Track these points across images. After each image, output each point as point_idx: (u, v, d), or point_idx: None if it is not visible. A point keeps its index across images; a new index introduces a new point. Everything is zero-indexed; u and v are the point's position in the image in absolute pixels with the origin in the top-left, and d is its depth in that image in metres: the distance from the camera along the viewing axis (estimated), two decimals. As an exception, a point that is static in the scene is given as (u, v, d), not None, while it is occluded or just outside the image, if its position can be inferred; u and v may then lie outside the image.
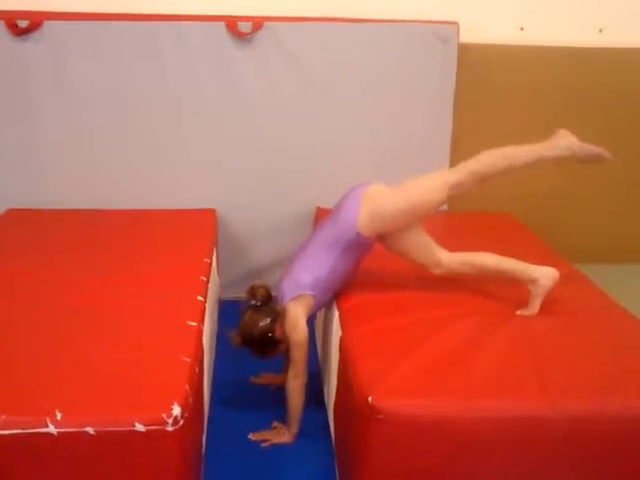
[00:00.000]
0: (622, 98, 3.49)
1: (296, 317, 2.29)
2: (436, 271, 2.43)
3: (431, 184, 2.42)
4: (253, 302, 2.35)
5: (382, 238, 2.42)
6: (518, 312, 2.34)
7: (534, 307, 2.34)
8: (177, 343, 1.99)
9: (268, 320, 2.30)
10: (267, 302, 2.35)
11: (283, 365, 2.53)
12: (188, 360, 1.90)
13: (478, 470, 1.84)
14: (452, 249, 3.01)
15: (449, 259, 2.43)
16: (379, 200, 2.36)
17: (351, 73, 3.29)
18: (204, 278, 2.51)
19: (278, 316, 2.31)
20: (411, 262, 2.46)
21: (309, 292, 2.33)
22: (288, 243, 3.46)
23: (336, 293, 2.46)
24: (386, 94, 3.34)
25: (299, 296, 2.32)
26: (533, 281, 2.35)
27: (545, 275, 2.35)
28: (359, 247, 2.38)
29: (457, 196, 2.45)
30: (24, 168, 3.28)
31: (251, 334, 2.32)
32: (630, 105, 3.51)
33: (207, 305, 2.39)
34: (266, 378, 2.68)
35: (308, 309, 2.34)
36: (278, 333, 2.31)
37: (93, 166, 3.31)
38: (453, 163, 3.46)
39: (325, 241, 2.38)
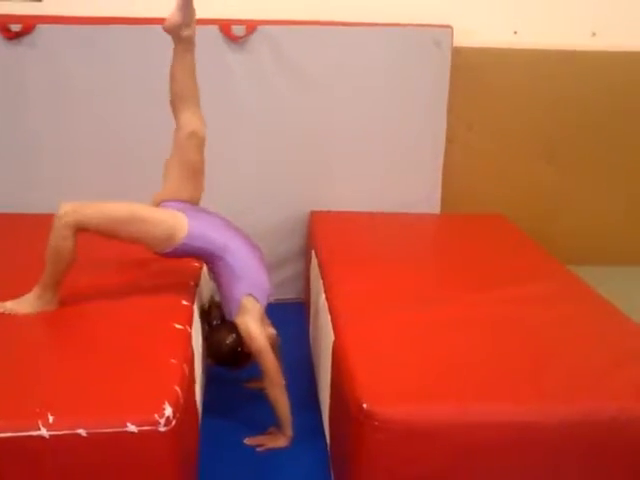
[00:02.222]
0: (615, 101, 3.50)
1: (247, 327, 2.27)
2: (198, 135, 2.40)
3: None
4: (214, 322, 2.38)
5: None
6: None
7: None
8: (166, 346, 1.99)
9: (234, 335, 2.31)
10: (224, 318, 2.36)
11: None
12: (177, 362, 1.90)
13: (475, 476, 1.83)
14: (445, 251, 3.04)
15: (187, 126, 2.41)
16: None
17: (345, 77, 3.29)
18: (192, 283, 2.50)
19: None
20: None
21: (243, 295, 2.29)
22: (282, 247, 3.47)
23: (261, 258, 2.43)
24: (380, 97, 3.34)
25: (239, 306, 2.29)
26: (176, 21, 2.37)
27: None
28: (201, 243, 2.26)
29: None
30: (18, 172, 3.28)
31: (221, 353, 2.35)
32: (624, 108, 3.52)
33: (196, 309, 2.38)
34: (258, 382, 2.67)
35: (255, 311, 2.31)
36: (245, 345, 2.31)
37: (87, 170, 3.31)
38: (446, 166, 3.48)
39: (206, 263, 2.41)
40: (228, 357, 2.36)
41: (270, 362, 2.28)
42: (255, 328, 2.27)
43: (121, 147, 3.30)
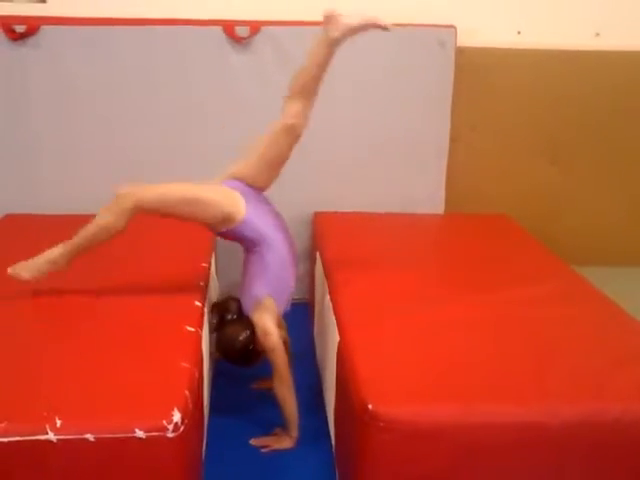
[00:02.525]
0: (619, 101, 3.50)
1: (263, 324, 2.27)
2: (300, 125, 2.40)
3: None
4: (229, 316, 2.37)
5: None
6: None
7: (372, 21, 2.33)
8: (176, 349, 1.99)
9: (248, 332, 2.31)
10: (241, 314, 2.35)
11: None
12: (188, 366, 1.89)
13: (479, 476, 1.83)
14: (449, 252, 3.04)
15: (293, 111, 2.40)
16: None
17: (348, 77, 3.29)
18: (202, 283, 2.50)
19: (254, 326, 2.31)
20: None
21: (265, 294, 2.30)
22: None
23: (295, 271, 2.42)
24: (384, 98, 3.34)
25: (258, 303, 2.30)
26: (336, 36, 2.39)
27: (334, 24, 2.37)
28: (251, 232, 2.28)
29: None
30: (21, 173, 3.29)
31: (233, 348, 2.34)
32: (627, 108, 3.52)
33: (205, 310, 2.38)
34: (266, 383, 2.68)
35: (273, 311, 2.31)
36: (258, 343, 2.31)
37: (91, 171, 3.32)
38: (450, 166, 3.48)
39: (245, 251, 2.38)
40: (239, 353, 2.35)
41: (282, 360, 2.29)
42: (271, 325, 2.28)
43: (124, 148, 3.30)
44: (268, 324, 2.27)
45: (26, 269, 2.25)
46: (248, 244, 2.32)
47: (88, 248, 2.23)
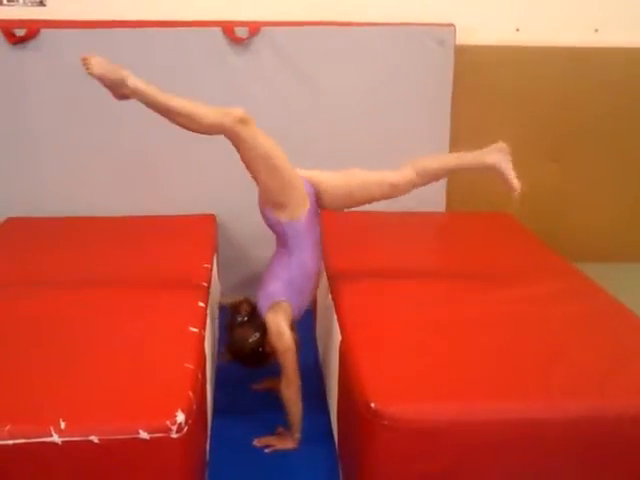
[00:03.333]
0: (619, 97, 3.50)
1: (277, 324, 2.27)
2: (398, 192, 2.42)
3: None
4: (240, 318, 2.36)
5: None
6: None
7: (512, 179, 2.44)
8: (179, 350, 1.99)
9: (257, 335, 2.31)
10: (252, 316, 2.35)
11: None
12: (191, 367, 1.90)
13: (483, 473, 1.84)
14: (451, 250, 3.04)
15: (402, 178, 2.40)
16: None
17: (348, 77, 3.30)
18: (205, 284, 2.51)
19: (265, 328, 2.31)
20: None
21: (282, 298, 2.30)
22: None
23: (315, 288, 2.45)
24: (384, 97, 3.34)
25: (274, 304, 2.29)
26: (491, 166, 2.43)
27: (497, 153, 2.46)
28: (294, 234, 2.29)
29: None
30: (23, 177, 3.29)
31: (242, 350, 2.34)
32: (626, 104, 3.52)
33: (208, 310, 2.39)
34: (268, 383, 2.68)
35: (287, 315, 2.31)
36: (268, 345, 2.31)
37: (92, 173, 3.32)
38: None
39: (277, 244, 2.38)
40: (248, 355, 2.35)
41: (292, 362, 2.29)
42: (285, 326, 2.27)
43: (125, 150, 3.30)
44: (282, 325, 2.27)
45: (99, 64, 2.28)
46: (284, 242, 2.32)
47: (165, 112, 2.32)
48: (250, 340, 2.31)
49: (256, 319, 2.33)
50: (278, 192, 2.26)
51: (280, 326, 2.27)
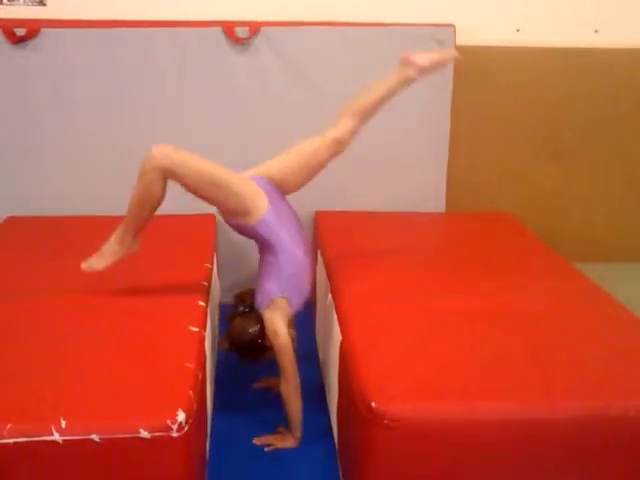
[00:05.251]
0: (618, 98, 3.50)
1: (273, 323, 2.27)
2: (344, 145, 2.46)
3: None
4: (242, 308, 2.37)
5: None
6: None
7: (440, 55, 2.58)
8: (180, 349, 2.00)
9: (258, 326, 2.31)
10: (255, 308, 2.35)
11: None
12: (191, 366, 1.90)
13: (483, 473, 1.84)
14: (452, 250, 3.04)
15: (343, 130, 2.44)
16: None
17: (348, 76, 3.28)
18: (205, 283, 2.51)
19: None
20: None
21: (279, 295, 2.29)
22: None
23: (312, 276, 2.44)
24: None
25: (271, 302, 2.29)
26: (418, 74, 2.51)
27: (412, 58, 2.53)
28: (269, 231, 2.25)
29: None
30: (24, 176, 3.29)
31: (241, 340, 2.34)
32: (627, 104, 3.52)
33: (208, 310, 2.39)
34: (268, 382, 2.69)
35: (285, 312, 2.30)
36: (267, 339, 2.31)
37: (93, 172, 3.32)
38: (451, 164, 3.48)
39: (260, 249, 2.37)
40: (247, 346, 2.35)
41: (289, 361, 2.29)
42: (281, 326, 2.27)
43: (125, 149, 3.29)
44: (278, 325, 2.27)
45: (99, 259, 2.26)
46: (262, 244, 2.32)
47: (142, 218, 2.25)
48: (250, 330, 2.31)
49: (258, 312, 2.33)
50: (232, 203, 2.23)
51: (276, 326, 2.26)
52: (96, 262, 2.28)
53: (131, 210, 2.23)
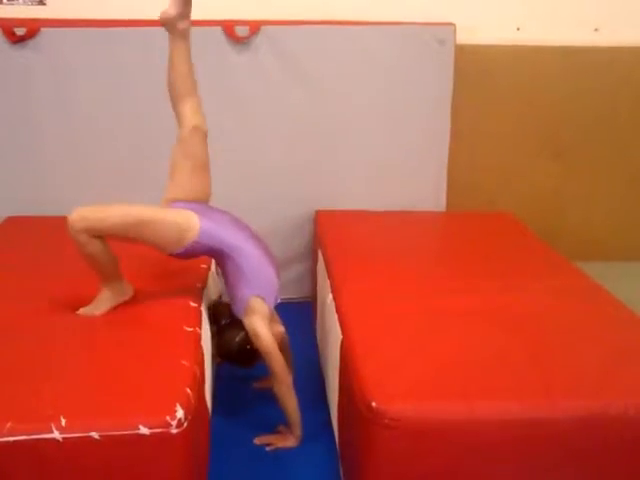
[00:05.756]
0: (619, 96, 3.50)
1: (253, 328, 2.27)
2: (202, 128, 2.41)
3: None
4: (223, 321, 2.39)
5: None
6: None
7: None
8: (176, 348, 2.00)
9: (242, 332, 2.32)
10: (234, 317, 2.36)
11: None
12: (188, 364, 1.91)
13: (484, 473, 1.84)
14: (452, 250, 3.04)
15: (190, 119, 2.41)
16: None
17: (349, 76, 3.30)
18: (199, 285, 2.51)
19: None
20: None
21: (251, 295, 2.28)
22: (287, 246, 3.48)
23: (274, 260, 2.40)
24: (384, 96, 3.34)
25: (247, 306, 2.29)
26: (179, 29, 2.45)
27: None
28: (211, 240, 2.23)
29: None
30: (23, 176, 3.29)
31: (230, 351, 2.37)
32: (628, 103, 3.52)
33: (203, 309, 2.39)
34: (268, 381, 2.68)
35: (263, 310, 2.30)
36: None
37: (92, 172, 3.32)
38: (451, 163, 3.48)
39: (215, 261, 2.37)
40: (238, 355, 2.38)
41: (277, 361, 2.28)
42: (262, 328, 2.27)
43: (127, 149, 3.30)
44: (259, 328, 2.27)
45: (94, 308, 2.23)
46: (217, 256, 2.31)
47: (107, 269, 2.21)
48: (237, 339, 2.34)
49: (238, 320, 2.34)
50: (169, 232, 2.18)
51: (257, 330, 2.26)
52: (91, 310, 2.23)
53: (94, 267, 2.19)
